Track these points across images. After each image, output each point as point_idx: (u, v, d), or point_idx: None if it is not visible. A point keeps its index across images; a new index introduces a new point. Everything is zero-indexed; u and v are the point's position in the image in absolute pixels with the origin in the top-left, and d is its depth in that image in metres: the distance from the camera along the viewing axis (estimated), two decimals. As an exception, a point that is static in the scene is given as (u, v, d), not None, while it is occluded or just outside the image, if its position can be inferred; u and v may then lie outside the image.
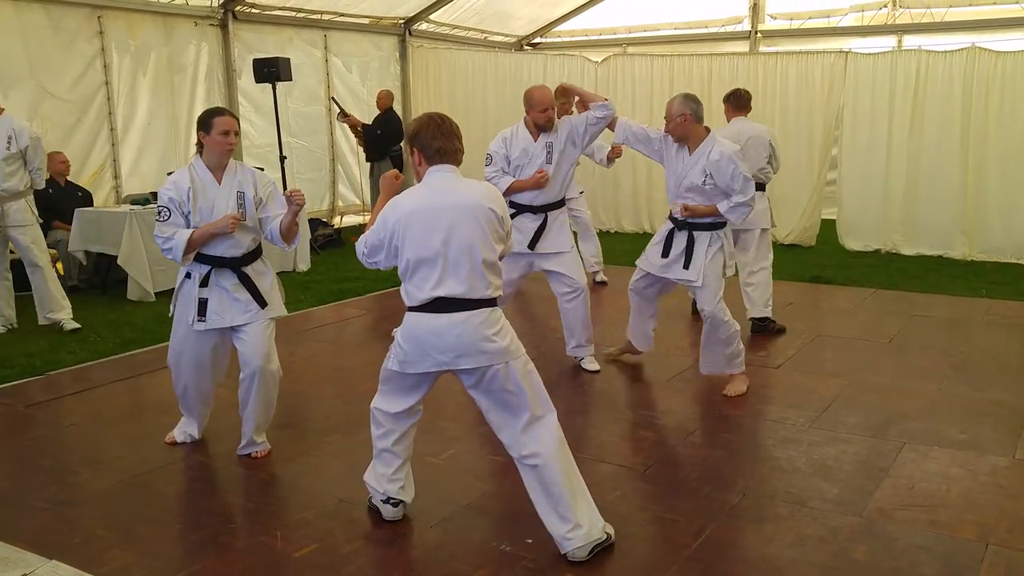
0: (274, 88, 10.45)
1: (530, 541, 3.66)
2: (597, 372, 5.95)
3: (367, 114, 11.78)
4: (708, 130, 5.59)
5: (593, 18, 14.51)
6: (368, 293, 8.65)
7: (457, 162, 3.58)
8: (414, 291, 3.49)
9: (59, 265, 8.77)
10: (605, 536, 3.55)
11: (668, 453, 4.60)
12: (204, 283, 4.39)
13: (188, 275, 4.44)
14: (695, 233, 5.42)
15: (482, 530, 3.81)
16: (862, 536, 3.67)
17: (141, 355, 6.59)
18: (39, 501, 4.13)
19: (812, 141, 10.63)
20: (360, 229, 12.00)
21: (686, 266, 5.42)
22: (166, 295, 8.25)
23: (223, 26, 10.83)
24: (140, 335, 7.04)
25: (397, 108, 12.84)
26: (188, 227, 4.29)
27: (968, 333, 6.91)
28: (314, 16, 11.87)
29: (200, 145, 4.38)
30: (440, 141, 3.53)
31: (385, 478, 3.88)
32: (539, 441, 3.55)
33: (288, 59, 10.57)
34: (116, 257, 8.25)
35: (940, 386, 5.60)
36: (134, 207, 8.45)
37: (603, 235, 10.17)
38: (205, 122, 4.31)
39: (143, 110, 10.15)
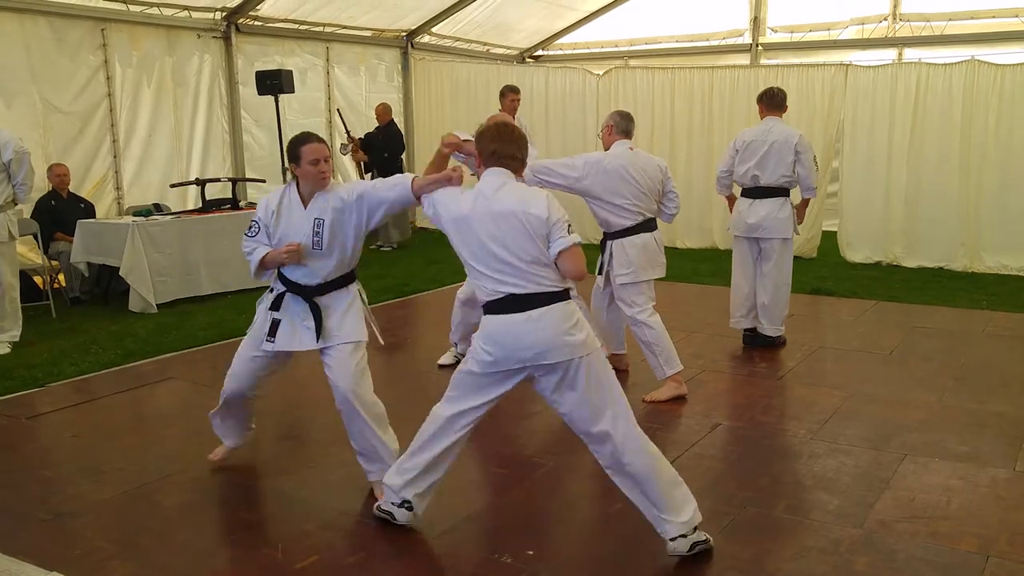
0: (276, 100, 10.48)
1: (531, 552, 3.66)
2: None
3: (368, 127, 11.83)
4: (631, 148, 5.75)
5: (595, 31, 14.56)
6: (370, 304, 8.61)
7: (513, 168, 3.67)
8: (483, 284, 3.60)
9: (61, 276, 8.79)
10: (705, 538, 3.62)
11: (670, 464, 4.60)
12: (278, 304, 4.25)
13: (271, 290, 4.32)
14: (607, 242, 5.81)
15: (483, 542, 3.81)
16: (863, 548, 3.67)
17: (143, 366, 6.59)
18: (40, 512, 4.13)
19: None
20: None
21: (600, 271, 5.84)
22: (168, 306, 8.29)
23: (226, 38, 10.88)
24: (142, 346, 7.04)
25: (399, 120, 12.90)
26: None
27: (969, 345, 6.91)
28: (317, 28, 11.92)
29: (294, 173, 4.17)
30: (496, 144, 3.64)
31: (410, 482, 3.82)
32: (628, 438, 3.58)
33: (291, 71, 10.62)
34: (118, 269, 8.26)
35: (941, 398, 5.60)
36: (136, 219, 8.47)
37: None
38: (292, 152, 4.07)
39: (145, 122, 10.18)
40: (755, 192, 6.79)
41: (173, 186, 9.92)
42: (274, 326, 4.23)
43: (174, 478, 4.51)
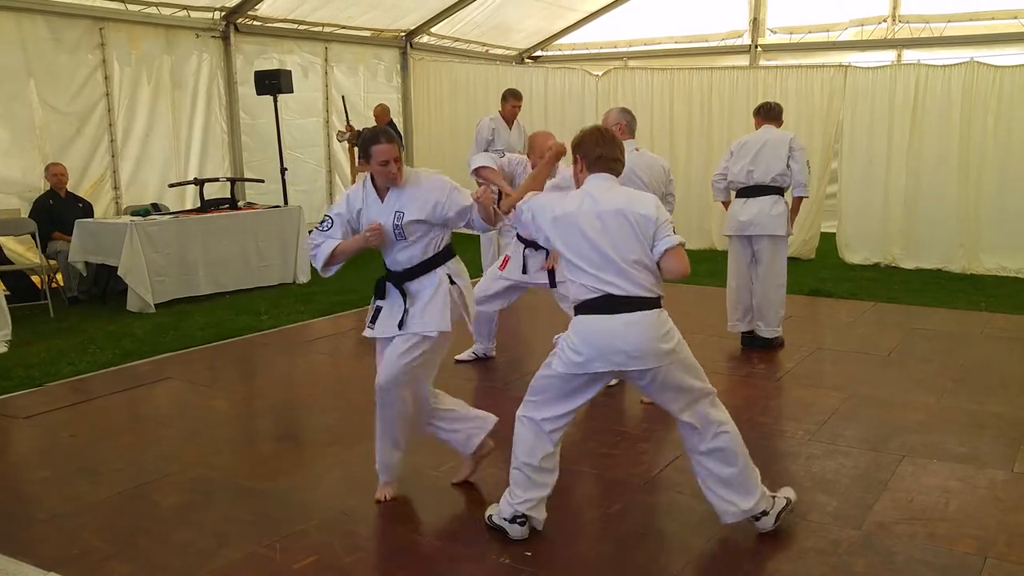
0: (275, 100, 10.48)
1: (529, 553, 3.66)
2: None
3: (368, 126, 11.80)
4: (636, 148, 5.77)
5: (594, 32, 14.56)
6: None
7: (616, 172, 3.73)
8: (579, 288, 3.62)
9: (59, 276, 8.79)
10: (785, 501, 3.82)
11: (667, 466, 4.60)
12: (382, 292, 4.26)
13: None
14: None
15: (481, 542, 3.80)
16: (861, 549, 3.66)
17: (140, 366, 6.59)
18: (37, 512, 4.13)
19: (812, 155, 10.50)
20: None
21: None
22: (166, 306, 8.28)
23: (225, 38, 10.88)
24: (140, 346, 7.04)
25: (397, 120, 12.90)
26: None
27: (967, 346, 6.91)
28: (315, 28, 11.92)
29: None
30: (601, 149, 3.69)
31: (520, 498, 3.78)
32: (719, 422, 3.77)
33: (289, 71, 10.63)
34: (116, 268, 8.26)
35: (939, 399, 5.60)
36: (134, 218, 8.47)
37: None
38: (364, 150, 4.11)
39: (143, 121, 10.18)
40: (749, 191, 6.81)
41: (171, 186, 9.92)
42: (375, 314, 4.24)
43: (172, 478, 4.50)
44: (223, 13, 10.70)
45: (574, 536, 3.86)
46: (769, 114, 7.10)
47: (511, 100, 9.20)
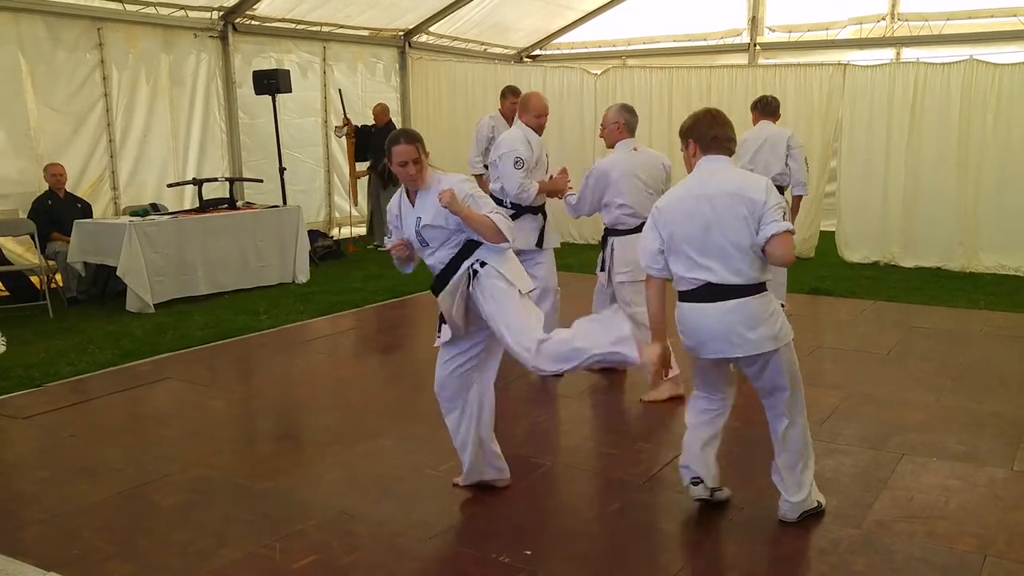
0: (274, 100, 10.48)
1: (529, 552, 3.66)
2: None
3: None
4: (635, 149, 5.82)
5: (593, 30, 14.55)
6: (367, 304, 8.66)
7: (730, 152, 3.77)
8: (682, 273, 3.67)
9: (58, 276, 8.78)
10: (816, 503, 3.93)
11: (667, 465, 4.59)
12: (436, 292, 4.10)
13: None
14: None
15: (481, 542, 3.80)
16: (861, 548, 3.66)
17: (139, 366, 6.59)
18: (37, 512, 4.13)
19: (811, 153, 10.57)
20: (357, 240, 12.07)
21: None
22: (165, 306, 8.28)
23: (223, 38, 10.86)
24: (139, 346, 7.03)
25: (396, 120, 12.89)
26: None
27: (967, 345, 6.91)
28: (314, 28, 11.90)
29: None
30: (716, 130, 3.73)
31: (694, 455, 3.96)
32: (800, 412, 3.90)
33: (288, 71, 10.62)
34: (115, 268, 8.25)
35: (939, 398, 5.60)
36: (133, 219, 8.47)
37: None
38: (387, 151, 3.97)
39: (142, 121, 10.16)
40: None
41: (170, 186, 9.91)
42: (440, 320, 4.08)
43: (171, 478, 4.50)
44: (221, 13, 10.68)
45: (573, 535, 3.86)
46: (766, 109, 7.10)
47: (510, 97, 9.06)
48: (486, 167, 7.68)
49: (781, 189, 6.88)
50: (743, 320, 3.59)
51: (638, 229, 5.73)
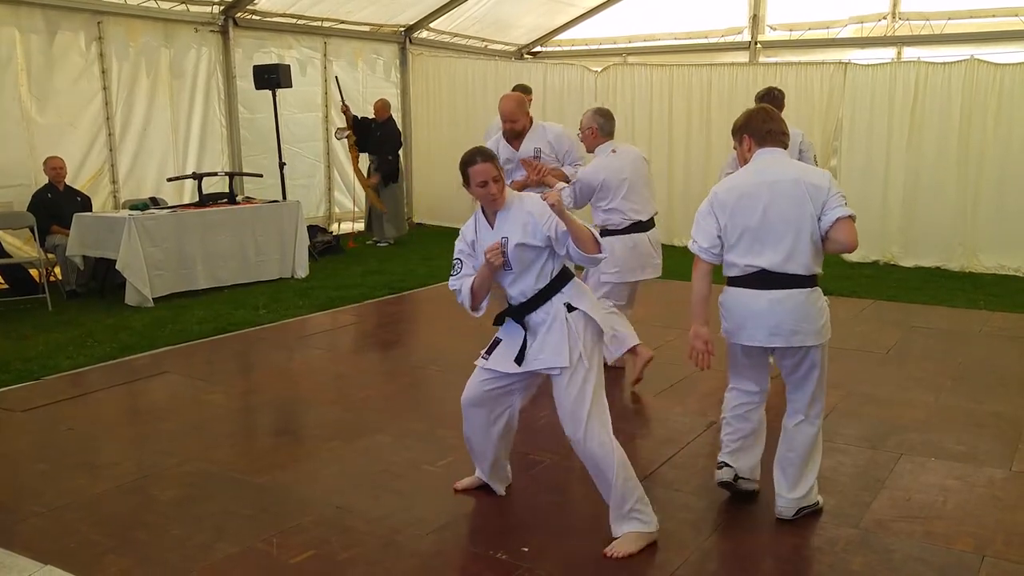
0: (274, 95, 10.47)
1: (526, 549, 3.66)
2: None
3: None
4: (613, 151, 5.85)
5: (593, 27, 14.53)
6: (366, 300, 8.65)
7: (785, 145, 3.85)
8: (734, 260, 3.72)
9: (57, 270, 8.78)
10: (815, 502, 3.96)
11: (664, 463, 4.60)
12: (501, 321, 3.92)
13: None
14: None
15: (478, 538, 3.81)
16: (859, 547, 3.67)
17: (138, 360, 6.58)
18: (35, 506, 4.12)
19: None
20: (356, 235, 12.07)
21: None
22: (164, 300, 8.27)
23: (223, 32, 10.85)
24: (138, 340, 7.03)
25: (396, 116, 12.88)
26: None
27: (966, 345, 6.91)
28: (315, 23, 11.89)
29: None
30: (770, 124, 3.83)
31: (723, 442, 4.07)
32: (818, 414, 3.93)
33: (288, 66, 10.61)
34: (114, 262, 8.25)
35: (938, 397, 5.60)
36: (133, 212, 8.46)
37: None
38: (463, 172, 3.80)
39: (141, 115, 10.15)
40: None
41: (170, 180, 9.91)
42: (493, 344, 3.92)
43: (169, 472, 4.50)
44: (222, 7, 10.67)
45: (570, 532, 3.86)
46: (776, 102, 7.06)
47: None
48: None
49: None
50: (792, 311, 3.64)
51: (627, 230, 5.77)
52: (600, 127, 5.79)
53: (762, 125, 3.82)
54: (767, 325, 3.66)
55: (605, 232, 5.72)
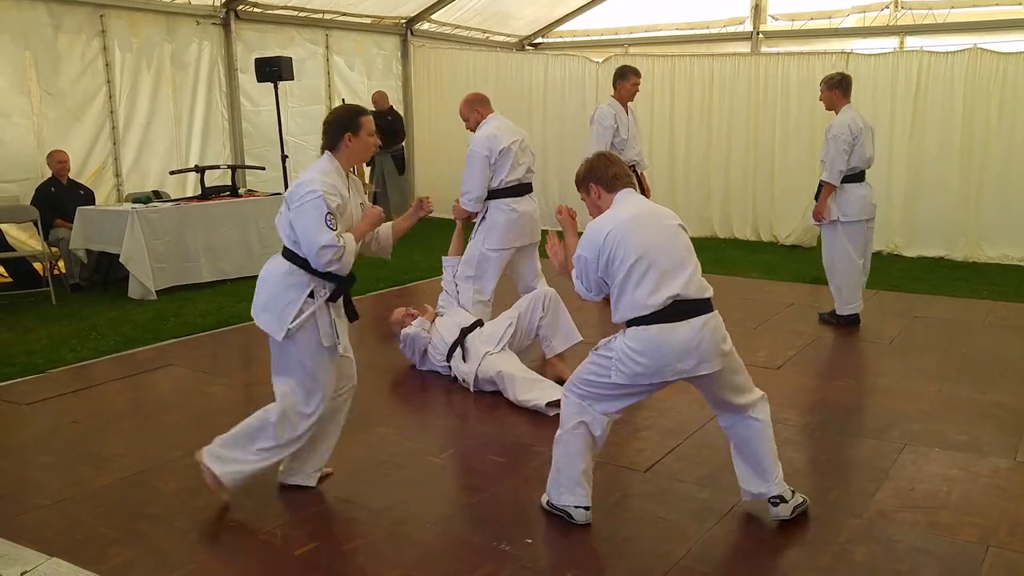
0: (276, 88, 10.46)
1: (530, 541, 3.66)
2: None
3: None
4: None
5: (595, 18, 14.49)
6: (368, 292, 8.65)
7: (633, 186, 3.77)
8: (642, 298, 3.50)
9: (61, 263, 8.79)
10: (802, 500, 3.84)
11: (668, 454, 4.60)
12: (335, 300, 3.94)
13: (312, 294, 3.90)
14: None
15: (482, 529, 3.81)
16: (862, 538, 3.67)
17: (142, 353, 6.59)
18: (39, 498, 4.13)
19: (813, 142, 10.56)
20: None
21: None
22: (167, 293, 8.27)
23: (225, 25, 10.84)
24: (141, 333, 7.04)
25: (399, 108, 12.88)
26: None
27: (969, 335, 6.90)
28: (316, 15, 11.88)
29: (334, 146, 3.96)
30: (615, 168, 3.73)
31: (581, 485, 3.81)
32: (763, 411, 3.84)
33: (290, 58, 10.58)
34: (118, 255, 8.25)
35: (941, 388, 5.60)
36: (136, 205, 8.46)
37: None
38: (351, 121, 3.89)
39: (144, 109, 10.16)
40: (862, 175, 6.97)
41: (172, 173, 9.90)
42: (333, 327, 3.96)
43: (173, 464, 4.50)
44: (223, 0, 10.66)
45: (574, 524, 3.86)
46: (849, 90, 7.08)
47: (632, 78, 8.04)
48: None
49: (863, 174, 6.95)
50: (712, 334, 3.55)
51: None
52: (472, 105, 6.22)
53: (607, 170, 3.72)
54: (692, 354, 3.51)
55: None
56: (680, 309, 3.49)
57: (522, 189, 6.21)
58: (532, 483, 4.27)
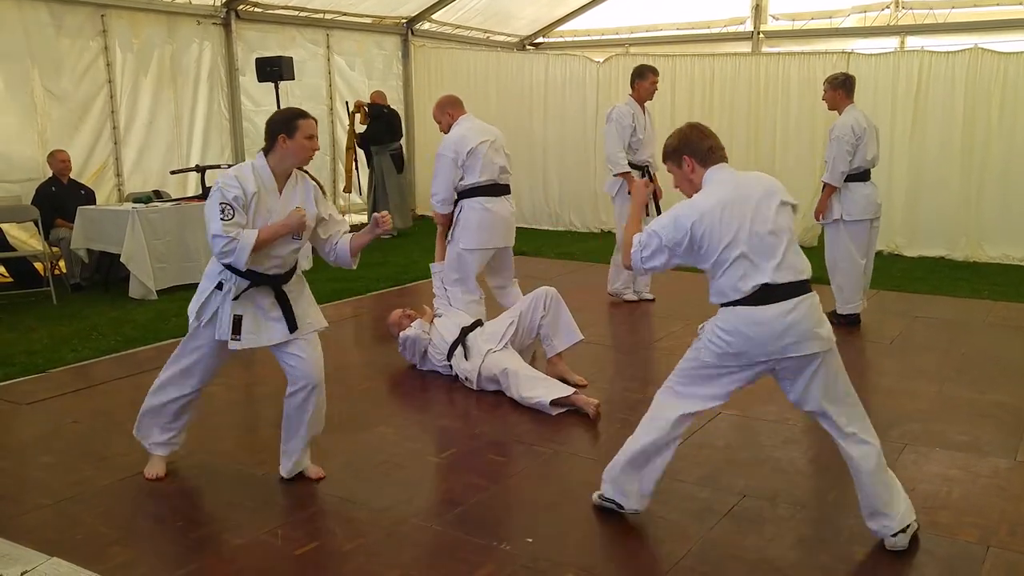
0: (276, 87, 10.46)
1: (530, 540, 3.66)
2: None
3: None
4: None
5: (595, 18, 14.50)
6: (368, 292, 8.65)
7: (727, 160, 3.61)
8: (730, 284, 3.46)
9: (61, 263, 8.79)
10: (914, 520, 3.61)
11: (669, 453, 4.59)
12: (236, 298, 3.99)
13: (220, 286, 4.00)
14: None
15: (482, 529, 3.81)
16: (863, 538, 3.66)
17: (143, 353, 6.59)
18: (40, 498, 4.14)
19: (814, 142, 10.62)
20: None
21: None
22: (167, 293, 8.27)
23: (226, 25, 10.85)
24: (142, 333, 7.04)
25: (399, 108, 12.88)
26: None
27: (970, 335, 6.90)
28: (317, 15, 11.88)
29: (269, 147, 3.98)
30: (710, 140, 3.58)
31: (635, 491, 3.79)
32: (869, 431, 3.62)
33: (291, 58, 10.59)
34: (118, 255, 8.26)
35: (941, 388, 5.60)
36: (136, 205, 8.46)
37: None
38: (287, 123, 3.91)
39: (145, 109, 10.16)
40: (868, 175, 6.96)
41: (173, 173, 9.90)
42: (237, 324, 4.02)
43: (174, 464, 4.50)
44: (224, 0, 10.67)
45: (575, 523, 3.86)
46: (853, 90, 7.06)
47: (651, 76, 8.01)
48: (631, 165, 7.64)
49: (867, 174, 6.93)
50: (806, 316, 3.45)
51: None
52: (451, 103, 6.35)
53: (701, 143, 3.58)
54: (782, 334, 3.42)
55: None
56: (770, 292, 3.42)
57: (496, 189, 6.25)
58: (532, 483, 4.28)
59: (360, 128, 11.70)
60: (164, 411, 4.33)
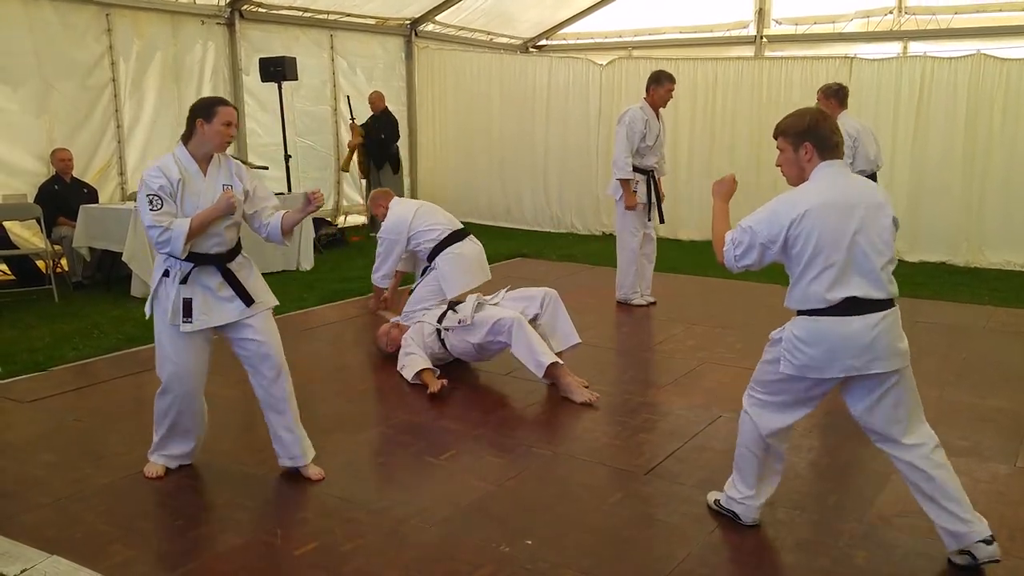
0: (280, 87, 10.47)
1: (530, 542, 3.67)
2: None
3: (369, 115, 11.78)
4: None
5: (599, 21, 14.52)
6: (370, 293, 8.64)
7: (843, 157, 3.50)
8: (818, 293, 3.34)
9: (63, 261, 8.80)
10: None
11: (668, 457, 4.60)
12: (183, 281, 4.06)
13: (166, 273, 4.09)
14: None
15: (481, 531, 3.81)
16: (862, 542, 3.67)
17: (144, 351, 6.58)
18: (40, 496, 4.14)
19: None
20: (362, 228, 12.09)
21: None
22: (169, 292, 8.27)
23: (230, 25, 10.86)
24: (143, 331, 7.03)
25: (402, 109, 12.89)
26: None
27: (970, 340, 6.90)
28: (320, 16, 11.89)
29: (189, 133, 4.09)
30: (837, 136, 3.43)
31: (749, 500, 3.76)
32: (927, 434, 3.55)
33: (294, 58, 10.61)
34: (120, 254, 8.26)
35: (942, 393, 5.60)
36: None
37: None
38: (206, 109, 4.03)
39: (149, 108, 10.18)
40: (874, 178, 7.01)
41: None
42: (187, 306, 4.09)
43: (174, 463, 4.51)
44: (228, 0, 10.69)
45: (574, 525, 3.87)
46: (845, 100, 7.14)
47: (667, 84, 8.00)
48: (635, 169, 7.66)
49: (875, 175, 7.02)
50: (888, 331, 3.40)
51: None
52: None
53: (831, 136, 3.41)
54: (864, 350, 3.35)
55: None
56: (855, 305, 3.32)
57: (456, 235, 6.65)
58: (531, 484, 4.28)
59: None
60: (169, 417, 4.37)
